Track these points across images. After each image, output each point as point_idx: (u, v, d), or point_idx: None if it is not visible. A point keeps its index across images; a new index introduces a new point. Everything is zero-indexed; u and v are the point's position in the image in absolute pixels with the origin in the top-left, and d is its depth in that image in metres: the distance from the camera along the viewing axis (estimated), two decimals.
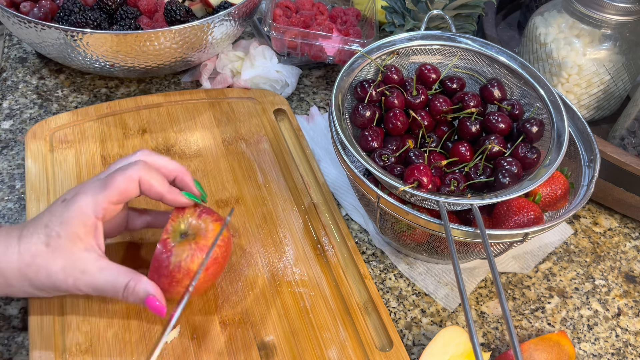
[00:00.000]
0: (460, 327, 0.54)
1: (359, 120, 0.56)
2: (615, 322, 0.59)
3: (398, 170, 0.52)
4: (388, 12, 0.78)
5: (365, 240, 0.63)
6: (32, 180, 0.60)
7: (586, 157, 0.57)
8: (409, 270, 0.60)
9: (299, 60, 0.81)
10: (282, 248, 0.59)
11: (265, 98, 0.74)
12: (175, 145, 0.67)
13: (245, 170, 0.66)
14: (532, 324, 0.58)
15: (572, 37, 0.69)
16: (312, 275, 0.57)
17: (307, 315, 0.53)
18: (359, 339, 0.52)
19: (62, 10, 0.69)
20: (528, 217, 0.51)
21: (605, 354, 0.56)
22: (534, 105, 0.59)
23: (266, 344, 0.51)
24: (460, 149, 0.55)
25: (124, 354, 0.48)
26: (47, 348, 0.48)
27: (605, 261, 0.64)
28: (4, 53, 0.80)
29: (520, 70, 0.60)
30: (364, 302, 0.55)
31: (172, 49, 0.67)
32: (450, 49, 0.62)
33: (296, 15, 0.79)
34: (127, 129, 0.67)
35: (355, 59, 0.59)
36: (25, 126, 0.69)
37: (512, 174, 0.52)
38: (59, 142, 0.65)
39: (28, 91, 0.74)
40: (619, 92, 0.72)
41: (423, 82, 0.60)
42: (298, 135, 0.71)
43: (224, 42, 0.74)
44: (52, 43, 0.65)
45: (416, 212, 0.48)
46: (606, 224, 0.69)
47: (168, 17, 0.70)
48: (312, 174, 0.66)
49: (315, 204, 0.63)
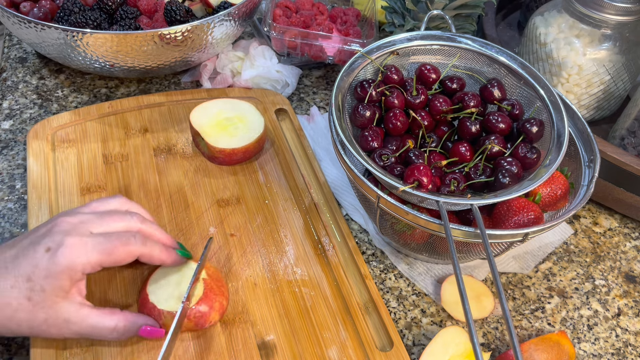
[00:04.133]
0: (460, 327, 0.54)
1: (359, 120, 0.56)
2: (615, 322, 0.59)
3: (398, 170, 0.52)
4: (388, 12, 0.78)
5: (365, 240, 0.63)
6: (34, 179, 0.60)
7: (586, 157, 0.57)
8: (409, 270, 0.60)
9: (299, 60, 0.81)
10: (283, 247, 0.59)
11: (266, 98, 0.74)
12: (176, 145, 0.67)
13: (246, 169, 0.66)
14: (532, 324, 0.58)
15: (572, 37, 0.69)
16: (312, 275, 0.57)
17: (308, 314, 0.54)
18: (359, 338, 0.52)
19: (62, 10, 0.69)
20: (528, 217, 0.51)
21: (605, 354, 0.56)
22: (534, 105, 0.59)
23: (266, 344, 0.51)
24: (460, 149, 0.55)
25: (125, 353, 0.49)
26: (48, 347, 0.48)
27: (605, 261, 0.64)
28: (4, 53, 0.80)
29: (520, 70, 0.60)
30: (365, 302, 0.55)
31: (172, 49, 0.67)
32: (450, 49, 0.62)
33: (296, 15, 0.79)
34: (129, 129, 0.67)
35: (355, 59, 0.59)
36: (25, 126, 0.69)
37: (512, 174, 0.52)
38: (60, 142, 0.65)
39: (28, 91, 0.74)
40: (619, 92, 0.72)
41: (423, 82, 0.60)
42: (299, 135, 0.71)
43: (224, 42, 0.74)
44: (52, 43, 0.65)
45: (416, 212, 0.48)
46: (606, 224, 0.69)
47: (168, 17, 0.70)
48: (313, 174, 0.66)
49: (316, 203, 0.63)
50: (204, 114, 0.65)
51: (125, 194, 0.61)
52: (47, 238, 0.45)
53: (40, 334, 0.45)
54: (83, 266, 0.44)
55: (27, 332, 0.44)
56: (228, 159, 0.64)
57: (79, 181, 0.61)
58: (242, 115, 0.66)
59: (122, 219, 0.49)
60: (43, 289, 0.43)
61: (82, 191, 0.60)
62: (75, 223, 0.46)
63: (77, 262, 0.44)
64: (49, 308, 0.44)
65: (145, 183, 0.62)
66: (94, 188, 0.61)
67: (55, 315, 0.44)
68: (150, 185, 0.62)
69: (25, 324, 0.44)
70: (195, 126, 0.64)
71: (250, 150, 0.65)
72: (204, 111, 0.66)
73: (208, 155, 0.65)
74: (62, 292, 0.44)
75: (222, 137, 0.64)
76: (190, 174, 0.64)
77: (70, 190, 0.60)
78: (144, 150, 0.65)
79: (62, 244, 0.44)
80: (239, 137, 0.64)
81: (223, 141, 0.63)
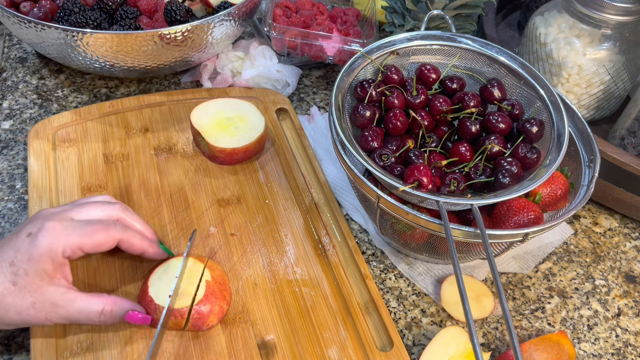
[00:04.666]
0: (460, 327, 0.54)
1: (359, 120, 0.56)
2: (615, 322, 0.59)
3: (398, 170, 0.52)
4: (388, 12, 0.78)
5: (365, 240, 0.63)
6: (35, 179, 0.60)
7: (586, 157, 0.57)
8: (409, 270, 0.60)
9: (299, 60, 0.81)
10: (283, 247, 0.59)
11: (267, 97, 0.74)
12: (177, 145, 0.67)
13: (246, 169, 0.66)
14: (532, 324, 0.58)
15: (572, 37, 0.69)
16: (312, 275, 0.57)
17: (308, 314, 0.54)
18: (359, 338, 0.52)
19: (62, 10, 0.69)
20: (528, 217, 0.51)
21: (605, 354, 0.56)
22: (534, 105, 0.59)
23: (267, 343, 0.51)
24: (460, 149, 0.55)
25: (125, 352, 0.49)
26: (48, 346, 0.48)
27: (605, 261, 0.64)
28: (4, 53, 0.80)
29: (520, 70, 0.60)
30: (365, 301, 0.55)
31: (172, 49, 0.67)
32: (450, 49, 0.62)
33: (296, 15, 0.79)
34: (130, 128, 0.67)
35: (355, 59, 0.59)
36: (25, 126, 0.69)
37: (512, 174, 0.52)
38: (61, 141, 0.65)
39: (28, 91, 0.74)
40: (619, 92, 0.72)
41: (423, 82, 0.60)
42: (300, 134, 0.71)
43: (224, 42, 0.74)
44: (52, 43, 0.65)
45: (416, 212, 0.48)
46: (606, 224, 0.69)
47: (168, 17, 0.70)
48: (314, 173, 0.66)
49: (317, 203, 0.63)
50: (205, 113, 0.65)
51: (125, 193, 0.61)
52: (29, 225, 0.46)
53: (28, 319, 0.45)
54: (63, 247, 0.45)
55: (16, 318, 0.45)
56: (229, 158, 0.64)
57: (79, 180, 0.61)
58: (243, 115, 0.66)
59: (103, 208, 0.50)
60: (27, 272, 0.44)
61: (82, 190, 0.60)
62: (56, 211, 0.48)
63: (56, 244, 0.45)
64: (35, 291, 0.44)
65: (146, 182, 0.62)
66: (95, 187, 0.61)
67: (42, 299, 0.45)
68: (150, 184, 0.62)
69: (12, 309, 0.44)
70: (195, 126, 0.64)
71: (250, 150, 0.65)
72: (204, 111, 0.66)
73: (209, 155, 0.65)
74: (46, 275, 0.45)
75: (222, 137, 0.64)
76: (191, 174, 0.64)
77: (71, 190, 0.60)
78: (145, 150, 0.65)
79: (43, 227, 0.45)
80: (239, 137, 0.64)
81: (224, 141, 0.63)
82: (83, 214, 0.49)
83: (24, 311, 0.44)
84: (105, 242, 0.48)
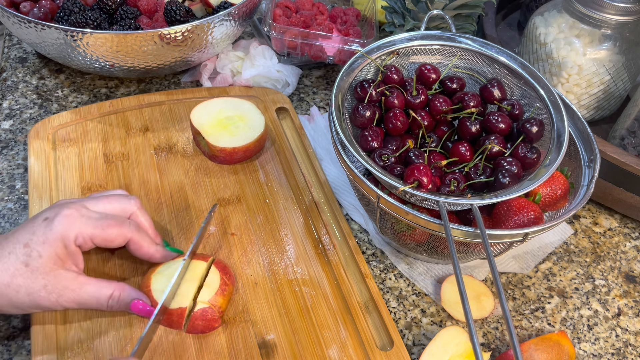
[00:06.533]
0: (460, 327, 0.54)
1: (359, 120, 0.56)
2: (615, 322, 0.59)
3: (398, 170, 0.52)
4: (388, 12, 0.78)
5: (365, 240, 0.63)
6: (35, 179, 0.60)
7: (586, 157, 0.57)
8: (409, 270, 0.60)
9: (299, 60, 0.81)
10: (283, 247, 0.59)
11: (267, 96, 0.74)
12: (177, 144, 0.67)
13: (247, 168, 0.66)
14: (532, 324, 0.58)
15: (572, 37, 0.69)
16: (313, 274, 0.57)
17: (308, 314, 0.54)
18: (359, 338, 0.52)
19: (62, 10, 0.69)
20: (528, 217, 0.51)
21: (605, 354, 0.56)
22: (534, 105, 0.59)
23: (267, 343, 0.51)
24: (460, 149, 0.55)
25: (126, 352, 0.49)
26: (49, 346, 0.48)
27: (605, 261, 0.64)
28: (4, 53, 0.80)
29: (520, 70, 0.60)
30: (365, 301, 0.55)
31: (172, 49, 0.67)
32: (450, 49, 0.62)
33: (296, 15, 0.79)
34: (130, 128, 0.67)
35: (355, 59, 0.59)
36: (25, 126, 0.69)
37: (512, 174, 0.52)
38: (61, 141, 0.65)
39: (28, 91, 0.74)
40: (619, 92, 0.72)
41: (423, 82, 0.60)
42: (300, 134, 0.71)
43: (224, 42, 0.74)
44: (52, 43, 0.65)
45: (416, 212, 0.49)
46: (606, 224, 0.69)
47: (168, 17, 0.70)
48: (314, 172, 0.66)
49: (317, 202, 0.63)
50: (205, 112, 0.65)
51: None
52: (47, 211, 0.48)
53: (39, 301, 0.45)
54: (75, 235, 0.47)
55: (27, 300, 0.45)
56: (229, 158, 0.64)
57: (79, 180, 0.61)
58: (243, 114, 0.66)
59: (119, 201, 0.51)
60: (40, 254, 0.45)
61: (83, 190, 0.60)
62: (74, 201, 0.50)
63: (70, 231, 0.46)
64: (47, 274, 0.45)
65: (146, 182, 0.62)
66: (95, 187, 0.61)
67: (55, 281, 0.45)
68: (151, 184, 0.62)
69: (23, 290, 0.45)
70: (196, 125, 0.64)
71: (251, 149, 0.65)
72: (204, 110, 0.66)
73: (209, 154, 0.65)
74: (59, 259, 0.46)
75: (222, 136, 0.64)
76: (191, 173, 0.64)
77: (71, 189, 0.60)
78: (145, 149, 0.65)
79: (59, 213, 0.47)
80: (239, 136, 0.64)
81: (224, 140, 0.63)
82: (99, 206, 0.50)
83: (35, 292, 0.45)
84: (116, 238, 0.49)
